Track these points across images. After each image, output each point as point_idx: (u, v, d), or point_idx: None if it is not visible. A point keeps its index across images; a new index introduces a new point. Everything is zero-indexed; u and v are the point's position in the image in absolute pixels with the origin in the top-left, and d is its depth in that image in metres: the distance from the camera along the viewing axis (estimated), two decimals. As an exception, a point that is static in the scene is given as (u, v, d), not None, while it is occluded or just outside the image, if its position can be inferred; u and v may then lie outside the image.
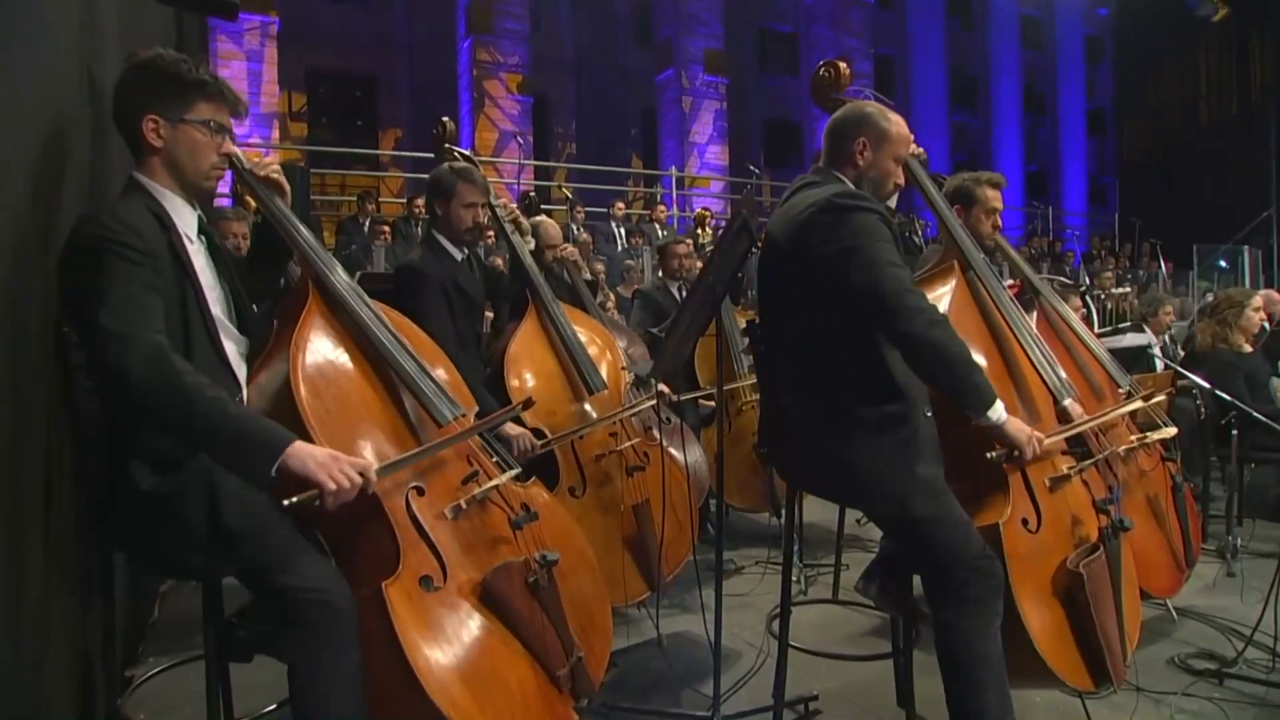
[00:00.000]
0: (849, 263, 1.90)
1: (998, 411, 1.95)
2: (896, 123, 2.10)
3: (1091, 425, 2.39)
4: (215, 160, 1.73)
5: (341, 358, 1.85)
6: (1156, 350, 4.66)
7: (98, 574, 1.87)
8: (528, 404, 2.09)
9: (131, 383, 1.44)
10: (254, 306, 1.93)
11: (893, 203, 2.42)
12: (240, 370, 1.77)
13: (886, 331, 1.93)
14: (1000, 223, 2.86)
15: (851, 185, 2.07)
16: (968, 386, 1.93)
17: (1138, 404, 2.67)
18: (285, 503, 1.45)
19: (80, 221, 1.60)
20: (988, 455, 2.01)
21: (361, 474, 1.53)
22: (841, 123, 2.12)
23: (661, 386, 2.75)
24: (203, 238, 1.78)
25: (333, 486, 1.48)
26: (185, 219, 1.71)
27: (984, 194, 2.78)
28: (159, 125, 1.66)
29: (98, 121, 2.05)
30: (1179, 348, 5.64)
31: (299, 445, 1.50)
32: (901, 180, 2.17)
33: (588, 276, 4.62)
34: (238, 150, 1.80)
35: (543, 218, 3.72)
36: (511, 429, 2.53)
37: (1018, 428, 2.00)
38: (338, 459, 1.51)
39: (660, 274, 4.85)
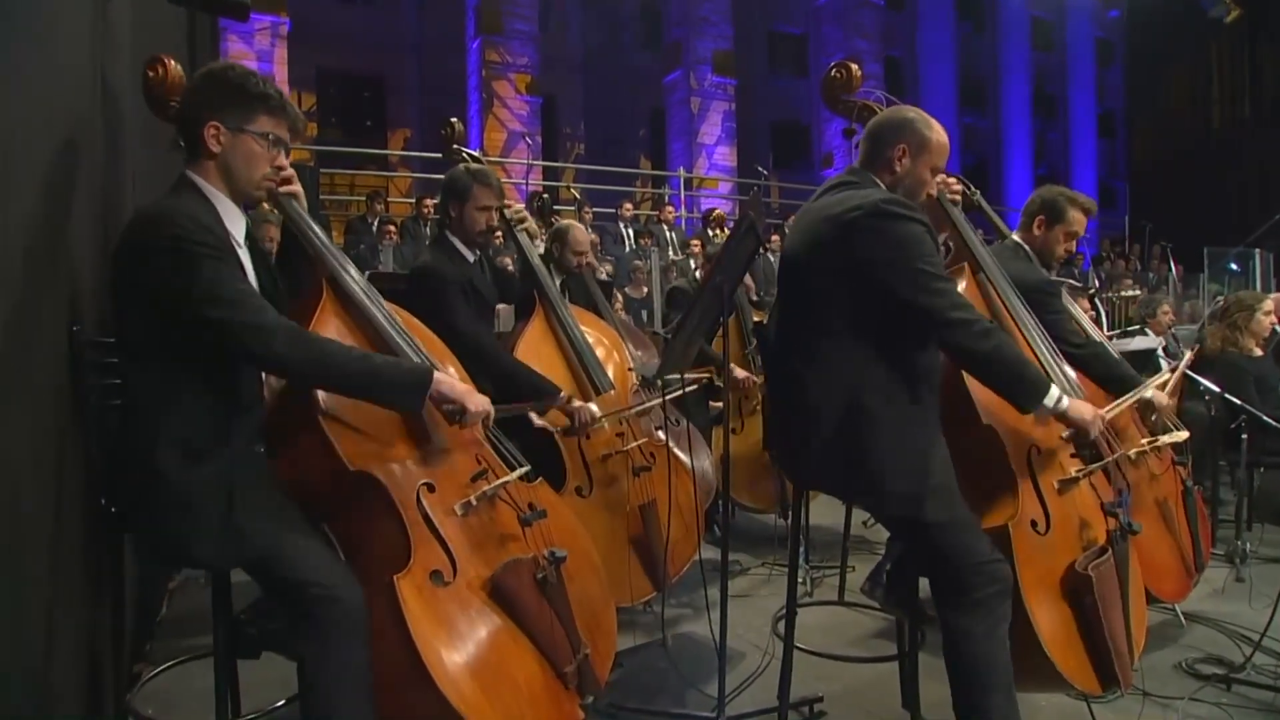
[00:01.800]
0: (897, 275, 1.90)
1: (1053, 397, 1.97)
2: (938, 131, 2.07)
3: (1148, 394, 2.47)
4: (268, 171, 1.77)
5: (353, 355, 1.86)
6: (1161, 352, 4.64)
7: (107, 571, 1.88)
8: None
9: (290, 367, 1.64)
10: None
11: None
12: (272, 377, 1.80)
13: (941, 344, 1.98)
14: (1074, 249, 2.85)
15: (885, 191, 2.06)
16: (1023, 385, 1.97)
17: (1162, 381, 2.65)
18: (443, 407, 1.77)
19: (149, 221, 1.61)
20: (1061, 436, 2.10)
21: (486, 410, 1.81)
22: (883, 126, 2.10)
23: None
24: (248, 242, 1.81)
25: (473, 407, 1.77)
26: (235, 223, 1.74)
27: (1073, 215, 2.77)
28: (220, 131, 1.69)
29: (111, 123, 2.07)
30: (1184, 349, 5.61)
31: (440, 376, 1.75)
32: (934, 191, 2.16)
33: (603, 277, 4.62)
34: (287, 169, 1.82)
35: (572, 222, 3.72)
36: (572, 403, 2.66)
37: (1080, 408, 2.03)
38: (471, 391, 1.80)
39: (691, 267, 4.83)
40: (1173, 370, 2.74)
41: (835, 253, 1.97)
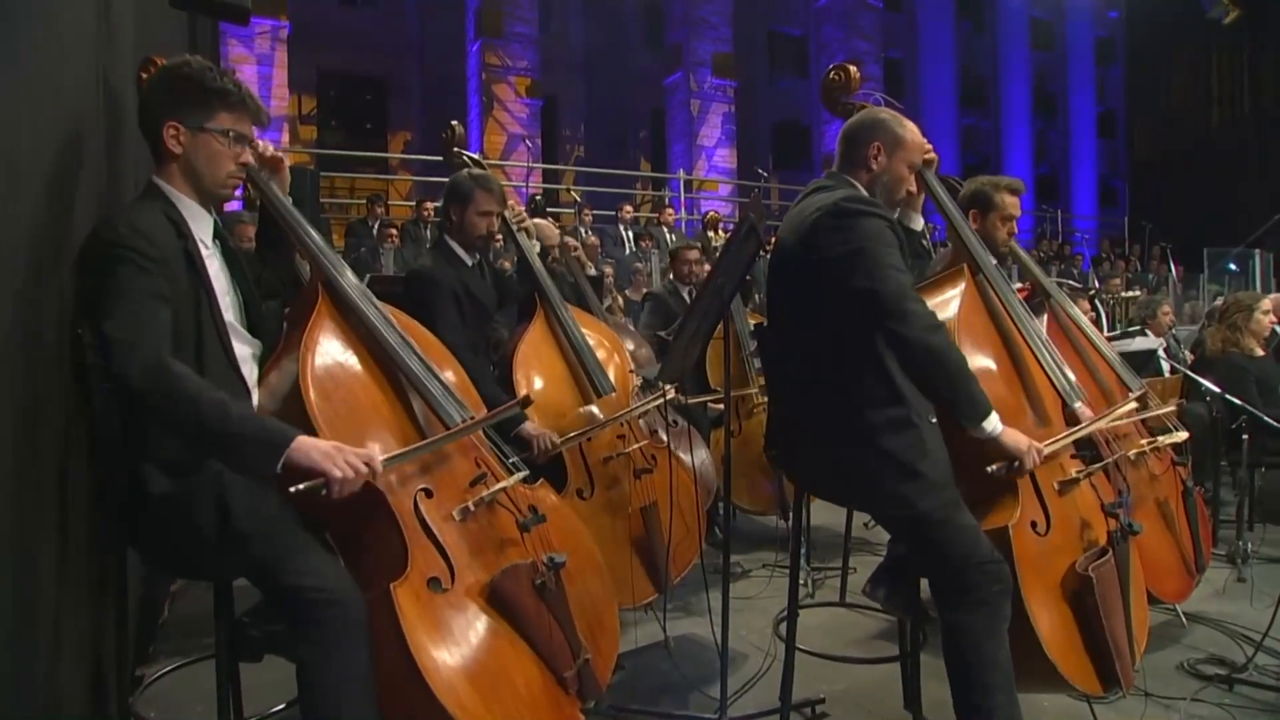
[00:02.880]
0: (853, 265, 1.91)
1: (992, 423, 1.95)
2: (911, 130, 2.11)
3: (1094, 428, 2.36)
4: (233, 169, 1.74)
5: (350, 360, 1.86)
6: (1163, 354, 4.64)
7: (111, 574, 1.88)
8: (526, 402, 2.09)
9: (134, 390, 1.48)
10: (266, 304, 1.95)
11: (919, 215, 2.43)
12: (251, 374, 1.78)
13: (885, 335, 1.92)
14: (1015, 229, 2.85)
15: (864, 190, 2.08)
16: (962, 395, 1.93)
17: (1132, 405, 2.64)
18: (291, 489, 1.48)
19: (97, 225, 1.62)
20: (988, 469, 2.00)
21: (368, 463, 1.55)
22: (857, 127, 2.13)
23: (669, 389, 2.76)
24: (217, 242, 1.80)
25: (338, 474, 1.50)
26: (201, 225, 1.72)
27: (1002, 200, 2.76)
28: (179, 132, 1.67)
29: (112, 126, 2.07)
30: (1184, 349, 5.62)
31: (302, 440, 1.52)
32: (914, 187, 2.18)
33: (591, 272, 4.62)
34: (253, 161, 1.81)
35: (536, 219, 3.72)
36: (531, 428, 2.55)
37: (1015, 438, 1.98)
38: (341, 449, 1.53)
39: (670, 277, 4.87)
40: (1138, 399, 2.71)
41: (804, 257, 2.00)
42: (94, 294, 1.54)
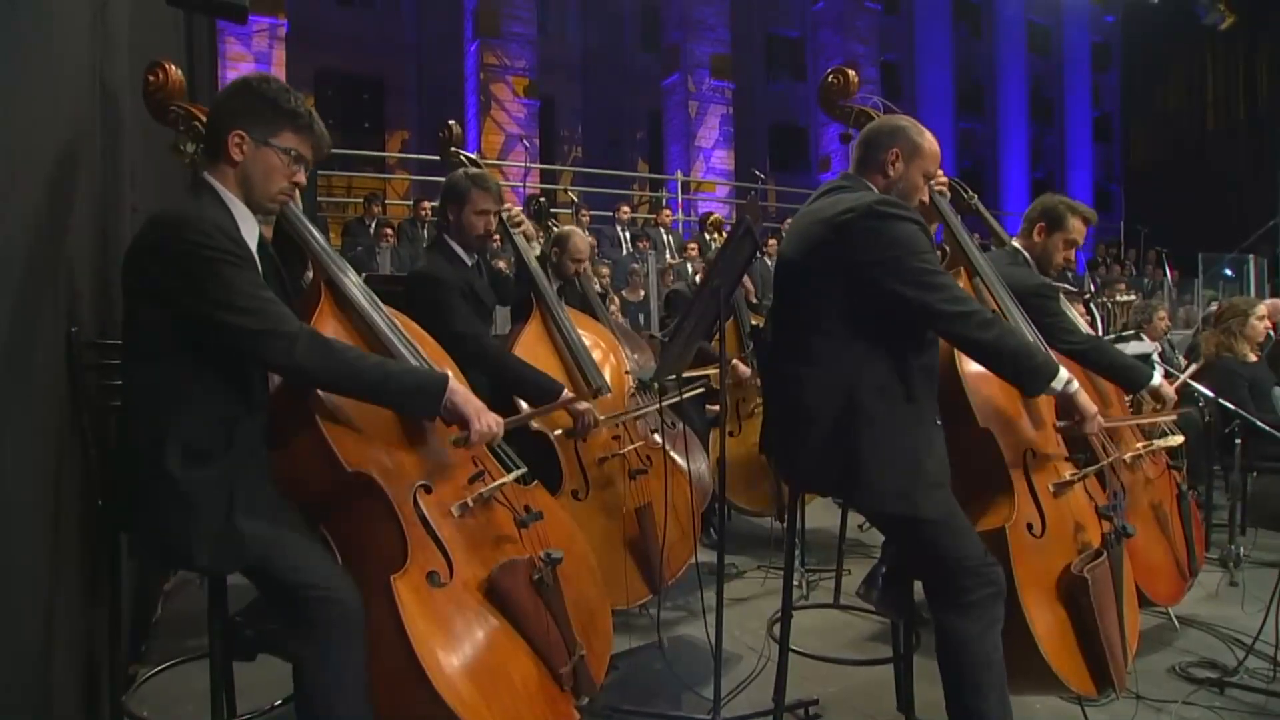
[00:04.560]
0: (895, 273, 1.92)
1: (1062, 380, 2.03)
2: (930, 139, 2.13)
3: (1142, 421, 2.54)
4: (285, 186, 1.77)
5: (351, 358, 1.86)
6: (1157, 357, 4.65)
7: (104, 571, 1.88)
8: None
9: (311, 375, 1.65)
10: None
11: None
12: (275, 377, 1.80)
13: (945, 338, 2.01)
14: (1073, 257, 2.87)
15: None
16: (1028, 371, 2.00)
17: (1150, 419, 2.70)
18: (452, 440, 1.80)
19: (166, 224, 1.61)
20: (1055, 425, 2.19)
21: (495, 427, 1.79)
22: (876, 132, 2.14)
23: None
24: (260, 249, 1.81)
25: (479, 427, 1.76)
26: (249, 229, 1.74)
27: (1073, 223, 2.78)
28: (244, 141, 1.70)
29: (109, 125, 2.07)
30: (1179, 354, 5.63)
31: (454, 389, 1.75)
32: (927, 197, 2.19)
33: (599, 288, 4.62)
34: (304, 183, 1.84)
35: (573, 228, 3.71)
36: (581, 405, 2.66)
37: (1087, 399, 2.11)
38: (483, 410, 1.79)
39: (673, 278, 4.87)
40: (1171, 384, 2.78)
41: (830, 255, 1.99)
42: (196, 296, 1.57)
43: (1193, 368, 3.86)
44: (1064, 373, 2.04)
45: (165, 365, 1.61)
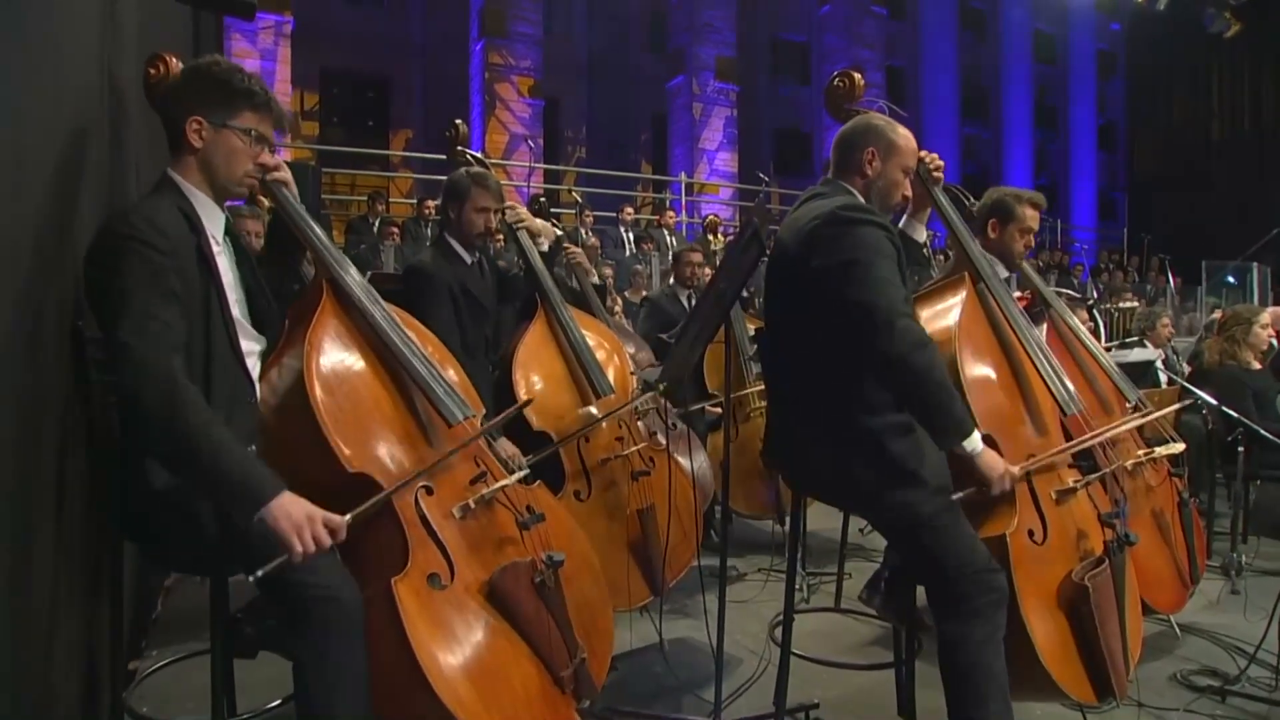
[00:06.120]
0: (847, 275, 1.90)
1: (974, 442, 1.92)
2: (904, 135, 2.13)
3: (1082, 447, 2.33)
4: (250, 168, 1.76)
5: (354, 357, 1.87)
6: (1160, 365, 4.65)
7: (106, 569, 1.88)
8: (525, 404, 2.10)
9: (140, 410, 1.46)
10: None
11: (923, 226, 2.44)
12: (255, 369, 1.79)
13: (871, 348, 1.89)
14: (1033, 242, 2.86)
15: (860, 196, 2.09)
16: (943, 413, 1.89)
17: (1137, 420, 2.66)
18: (258, 572, 1.44)
19: (110, 217, 1.62)
20: (952, 498, 1.96)
21: (333, 532, 1.51)
22: (850, 133, 2.15)
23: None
24: (228, 238, 1.81)
25: (299, 549, 1.46)
26: (213, 220, 1.74)
27: (1023, 212, 2.77)
28: (202, 127, 1.69)
29: (116, 120, 2.07)
30: (1182, 361, 5.62)
31: (279, 503, 1.47)
32: (909, 191, 2.18)
33: (595, 281, 4.61)
34: (269, 163, 1.82)
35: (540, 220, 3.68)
36: (507, 448, 2.48)
37: (990, 462, 1.96)
38: (313, 519, 1.49)
39: (672, 280, 4.87)
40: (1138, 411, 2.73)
41: (800, 265, 2.00)
42: (103, 288, 1.54)
43: (1188, 369, 3.84)
44: (976, 436, 1.92)
45: None
